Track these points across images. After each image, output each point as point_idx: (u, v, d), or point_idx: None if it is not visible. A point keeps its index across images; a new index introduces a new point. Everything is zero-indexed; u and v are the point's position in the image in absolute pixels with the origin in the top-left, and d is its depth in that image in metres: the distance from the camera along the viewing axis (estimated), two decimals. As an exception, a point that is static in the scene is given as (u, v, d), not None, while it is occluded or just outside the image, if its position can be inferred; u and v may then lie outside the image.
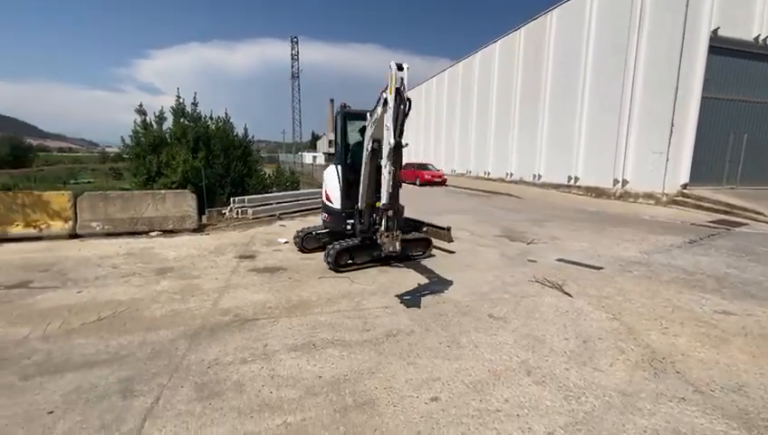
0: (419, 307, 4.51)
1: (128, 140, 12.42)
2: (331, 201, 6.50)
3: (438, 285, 5.32)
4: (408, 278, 5.60)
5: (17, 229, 7.20)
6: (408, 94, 4.43)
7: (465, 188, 21.48)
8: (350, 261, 5.92)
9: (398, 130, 4.22)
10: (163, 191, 8.60)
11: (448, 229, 7.14)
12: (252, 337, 3.69)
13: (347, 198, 6.22)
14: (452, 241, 7.17)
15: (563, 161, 19.71)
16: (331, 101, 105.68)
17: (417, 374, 3.10)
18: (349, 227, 6.28)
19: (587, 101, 18.44)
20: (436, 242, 7.08)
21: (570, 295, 4.95)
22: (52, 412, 2.55)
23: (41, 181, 23.47)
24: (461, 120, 31.92)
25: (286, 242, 7.83)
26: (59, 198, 7.51)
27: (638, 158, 15.81)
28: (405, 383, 2.97)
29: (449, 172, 30.75)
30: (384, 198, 4.57)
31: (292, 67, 62.35)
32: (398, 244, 4.57)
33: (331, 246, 5.86)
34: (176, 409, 2.61)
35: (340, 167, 6.37)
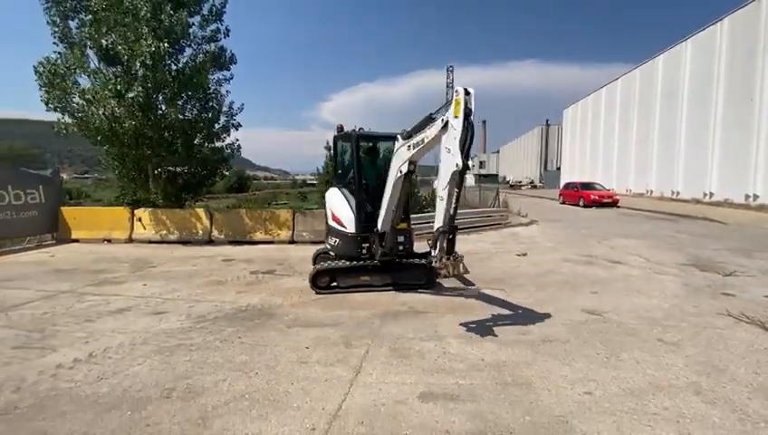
0: (577, 323, 4.69)
1: (320, 170, 15.85)
2: (343, 225, 5.95)
3: (599, 305, 5.31)
4: (565, 296, 5.73)
5: (260, 236, 10.26)
6: (569, 109, 4.46)
7: (642, 211, 18.70)
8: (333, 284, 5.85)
9: (465, 154, 4.08)
10: (349, 209, 10.73)
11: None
12: (424, 324, 4.63)
13: (363, 222, 5.84)
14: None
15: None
16: (483, 122, 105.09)
17: (571, 374, 3.45)
18: (364, 252, 5.85)
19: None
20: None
21: (773, 333, 4.29)
22: (308, 348, 3.97)
23: (253, 203, 30.95)
24: (638, 132, 27.92)
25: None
26: (285, 214, 10.37)
27: None
28: (560, 377, 3.37)
29: (622, 192, 27.05)
30: (443, 221, 4.21)
31: (447, 95, 65.40)
32: (461, 266, 4.25)
33: (318, 266, 5.91)
34: (380, 359, 3.70)
35: (345, 189, 6.11)
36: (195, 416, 2.80)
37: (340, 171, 6.68)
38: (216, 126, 11.08)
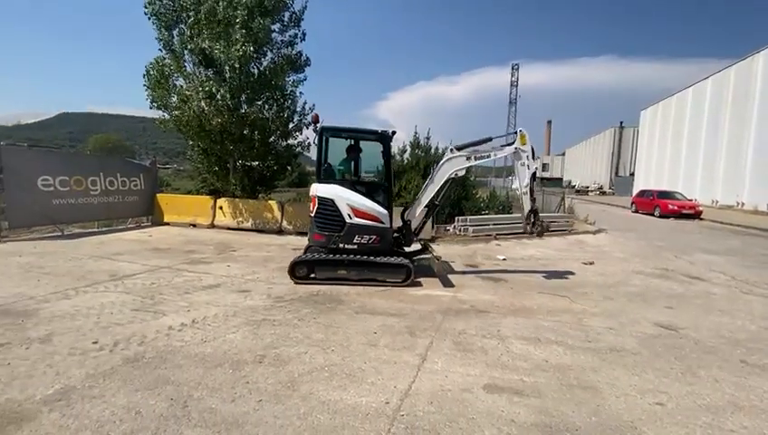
0: (649, 336, 4.53)
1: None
2: (380, 221, 6.19)
3: (674, 321, 5.06)
4: (636, 308, 5.52)
5: (324, 228, 10.89)
6: (648, 110, 4.66)
7: (730, 224, 16.85)
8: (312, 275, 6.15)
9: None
10: (409, 208, 11.00)
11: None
12: (486, 323, 4.75)
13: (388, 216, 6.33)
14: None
15: None
16: (549, 122, 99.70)
17: (641, 384, 3.40)
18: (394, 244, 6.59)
19: None
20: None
21: None
22: (375, 333, 4.29)
23: (310, 197, 32.47)
24: (729, 137, 25.13)
25: (504, 259, 8.71)
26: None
27: None
28: (628, 386, 3.35)
29: (707, 203, 24.52)
30: (530, 204, 6.57)
31: (511, 93, 63.21)
32: (546, 226, 6.93)
33: (300, 257, 6.28)
34: (443, 351, 3.91)
35: (354, 185, 6.28)
36: (284, 379, 3.23)
37: (340, 167, 6.70)
38: (291, 125, 11.91)
